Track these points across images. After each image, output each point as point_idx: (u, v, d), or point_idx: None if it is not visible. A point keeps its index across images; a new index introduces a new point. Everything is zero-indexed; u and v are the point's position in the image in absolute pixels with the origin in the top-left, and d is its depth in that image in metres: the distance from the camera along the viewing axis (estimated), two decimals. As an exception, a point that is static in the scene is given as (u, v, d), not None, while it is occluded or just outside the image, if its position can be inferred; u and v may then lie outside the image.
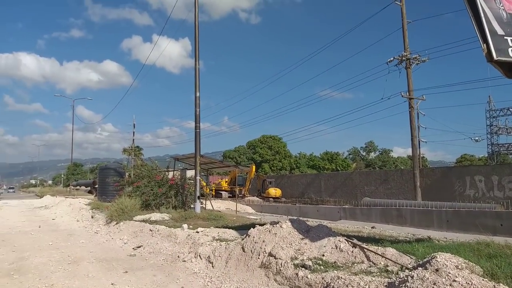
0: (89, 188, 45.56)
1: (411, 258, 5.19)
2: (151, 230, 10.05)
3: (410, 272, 4.25)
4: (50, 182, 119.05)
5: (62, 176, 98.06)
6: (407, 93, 21.99)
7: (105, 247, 9.43)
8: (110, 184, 20.60)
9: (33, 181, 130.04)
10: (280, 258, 5.78)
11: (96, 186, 31.99)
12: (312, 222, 10.79)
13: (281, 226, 6.61)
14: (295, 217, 8.02)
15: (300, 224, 6.92)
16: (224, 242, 7.42)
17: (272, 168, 66.02)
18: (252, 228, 6.99)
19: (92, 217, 15.74)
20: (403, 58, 22.01)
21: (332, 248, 5.84)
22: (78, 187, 52.28)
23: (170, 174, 17.63)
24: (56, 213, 20.09)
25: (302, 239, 6.33)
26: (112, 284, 6.08)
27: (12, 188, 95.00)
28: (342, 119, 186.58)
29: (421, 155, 29.76)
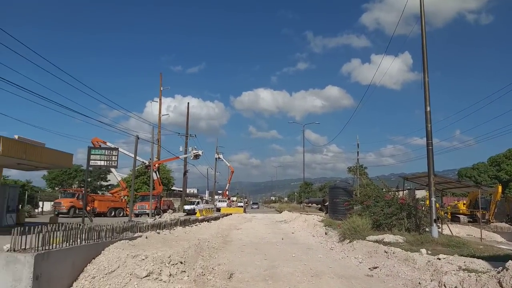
0: (319, 206, 48.62)
1: None
2: (385, 252, 9.84)
3: None
4: (286, 199, 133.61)
5: (295, 194, 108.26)
6: None
7: (342, 264, 9.79)
8: (339, 202, 21.40)
9: (272, 198, 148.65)
10: (557, 303, 4.65)
11: (326, 204, 33.83)
12: None
13: (554, 262, 5.34)
14: None
15: None
16: (474, 274, 6.53)
17: (525, 188, 54.30)
18: (510, 261, 5.92)
19: (325, 234, 16.68)
20: None
21: None
22: (309, 204, 56.55)
23: (399, 195, 16.92)
24: (294, 227, 22.28)
25: None
26: (353, 301, 6.24)
27: (256, 203, 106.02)
28: None
29: None
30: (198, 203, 45.13)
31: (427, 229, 13.21)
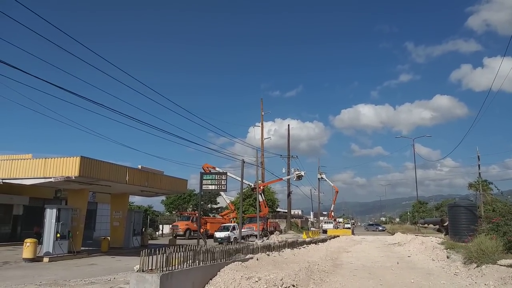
0: (437, 227, 44.49)
1: None
2: (524, 279, 8.51)
3: None
4: (397, 219, 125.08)
5: (408, 213, 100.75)
6: None
7: (471, 292, 8.73)
8: (462, 222, 19.35)
9: (382, 219, 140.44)
10: None
11: (445, 224, 30.79)
12: None
13: None
14: None
15: None
16: None
17: None
18: None
19: (447, 257, 15.11)
20: None
21: None
22: (425, 225, 52.08)
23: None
24: (410, 250, 20.65)
25: None
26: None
27: (379, 225, 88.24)
28: None
29: None
30: (233, 228, 32.47)
31: None
